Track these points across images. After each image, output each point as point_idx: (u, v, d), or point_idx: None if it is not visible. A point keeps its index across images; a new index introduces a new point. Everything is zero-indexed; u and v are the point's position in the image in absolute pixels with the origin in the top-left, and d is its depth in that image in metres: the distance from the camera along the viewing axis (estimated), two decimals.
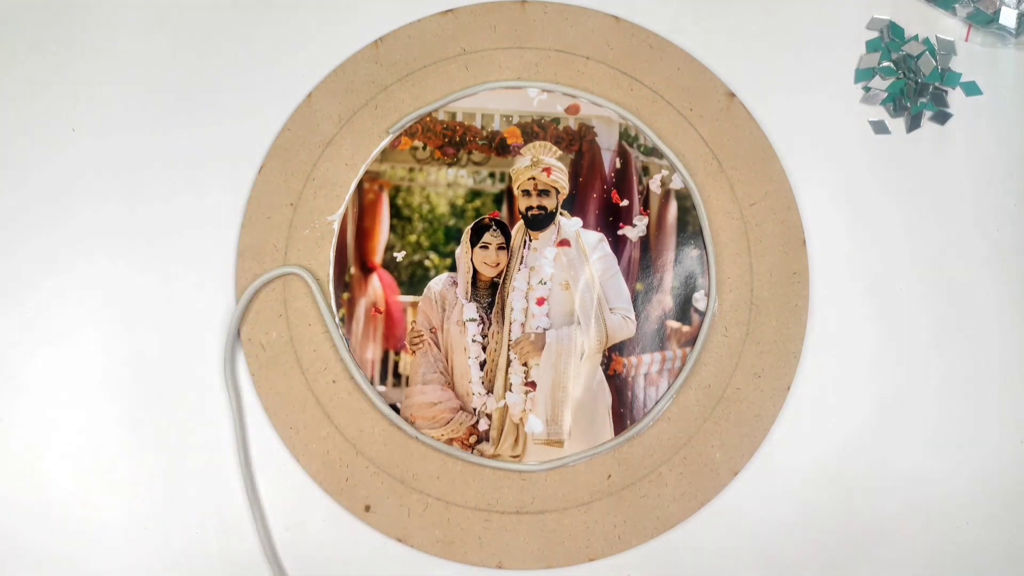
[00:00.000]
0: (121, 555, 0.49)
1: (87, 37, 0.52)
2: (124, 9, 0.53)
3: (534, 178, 0.51)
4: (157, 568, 0.48)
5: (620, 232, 0.51)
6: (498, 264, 0.51)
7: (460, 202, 0.51)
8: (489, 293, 0.51)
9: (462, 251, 0.51)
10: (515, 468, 0.49)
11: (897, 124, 0.53)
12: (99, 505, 0.49)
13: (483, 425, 0.49)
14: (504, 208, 0.51)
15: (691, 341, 0.50)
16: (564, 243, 0.51)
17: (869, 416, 0.51)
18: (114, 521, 0.49)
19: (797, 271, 0.51)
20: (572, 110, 0.52)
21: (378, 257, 0.51)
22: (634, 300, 0.51)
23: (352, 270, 0.51)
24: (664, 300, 0.51)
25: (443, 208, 0.51)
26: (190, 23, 0.53)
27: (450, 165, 0.52)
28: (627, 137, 0.52)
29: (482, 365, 0.50)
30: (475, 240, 0.51)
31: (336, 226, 0.51)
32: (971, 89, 0.54)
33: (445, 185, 0.51)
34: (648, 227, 0.51)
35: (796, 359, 0.51)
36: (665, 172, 0.52)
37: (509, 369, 0.50)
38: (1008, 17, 0.53)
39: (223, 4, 0.53)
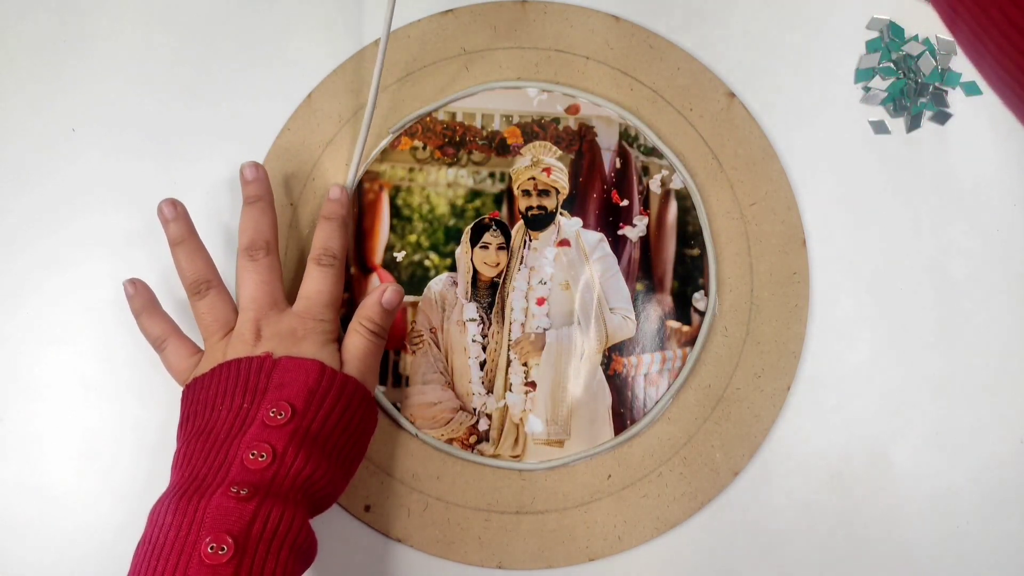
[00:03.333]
0: (122, 555, 0.48)
1: (87, 37, 0.52)
2: (124, 9, 0.53)
3: (534, 178, 0.51)
4: None
5: (620, 232, 0.51)
6: (498, 264, 0.51)
7: (460, 202, 0.51)
8: (489, 293, 0.51)
9: (462, 251, 0.51)
10: (515, 468, 0.49)
11: (897, 124, 0.53)
12: (100, 505, 0.49)
13: (483, 425, 0.49)
14: (504, 208, 0.51)
15: (691, 341, 0.50)
16: (564, 243, 0.51)
17: (869, 416, 0.51)
18: (115, 521, 0.48)
19: (797, 271, 0.51)
20: (572, 110, 0.52)
21: (378, 257, 0.51)
22: (634, 300, 0.51)
23: (352, 270, 0.51)
24: (664, 300, 0.51)
25: (443, 208, 0.51)
26: (191, 23, 0.53)
27: (450, 165, 0.52)
28: (627, 137, 0.52)
29: (482, 365, 0.50)
30: (475, 240, 0.51)
31: None
32: (971, 89, 0.54)
33: (445, 185, 0.51)
34: (648, 227, 0.51)
35: (796, 359, 0.51)
36: (665, 172, 0.52)
37: (509, 369, 0.50)
38: None
39: (224, 4, 0.53)
